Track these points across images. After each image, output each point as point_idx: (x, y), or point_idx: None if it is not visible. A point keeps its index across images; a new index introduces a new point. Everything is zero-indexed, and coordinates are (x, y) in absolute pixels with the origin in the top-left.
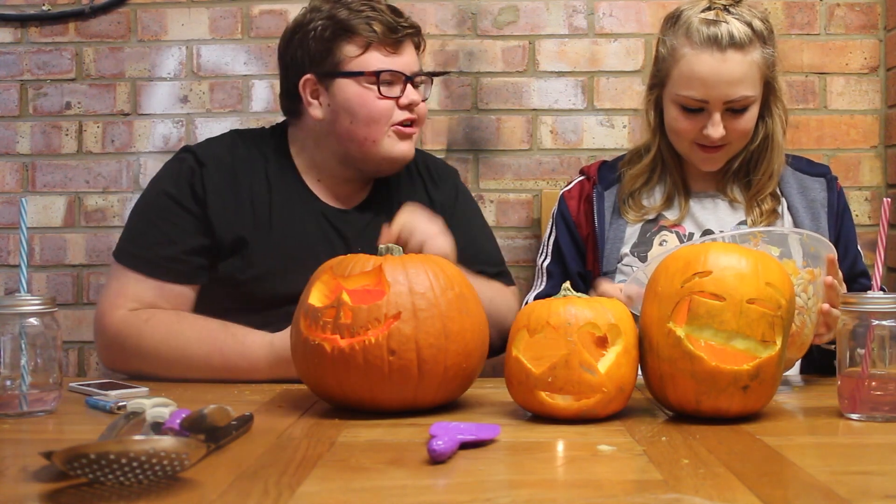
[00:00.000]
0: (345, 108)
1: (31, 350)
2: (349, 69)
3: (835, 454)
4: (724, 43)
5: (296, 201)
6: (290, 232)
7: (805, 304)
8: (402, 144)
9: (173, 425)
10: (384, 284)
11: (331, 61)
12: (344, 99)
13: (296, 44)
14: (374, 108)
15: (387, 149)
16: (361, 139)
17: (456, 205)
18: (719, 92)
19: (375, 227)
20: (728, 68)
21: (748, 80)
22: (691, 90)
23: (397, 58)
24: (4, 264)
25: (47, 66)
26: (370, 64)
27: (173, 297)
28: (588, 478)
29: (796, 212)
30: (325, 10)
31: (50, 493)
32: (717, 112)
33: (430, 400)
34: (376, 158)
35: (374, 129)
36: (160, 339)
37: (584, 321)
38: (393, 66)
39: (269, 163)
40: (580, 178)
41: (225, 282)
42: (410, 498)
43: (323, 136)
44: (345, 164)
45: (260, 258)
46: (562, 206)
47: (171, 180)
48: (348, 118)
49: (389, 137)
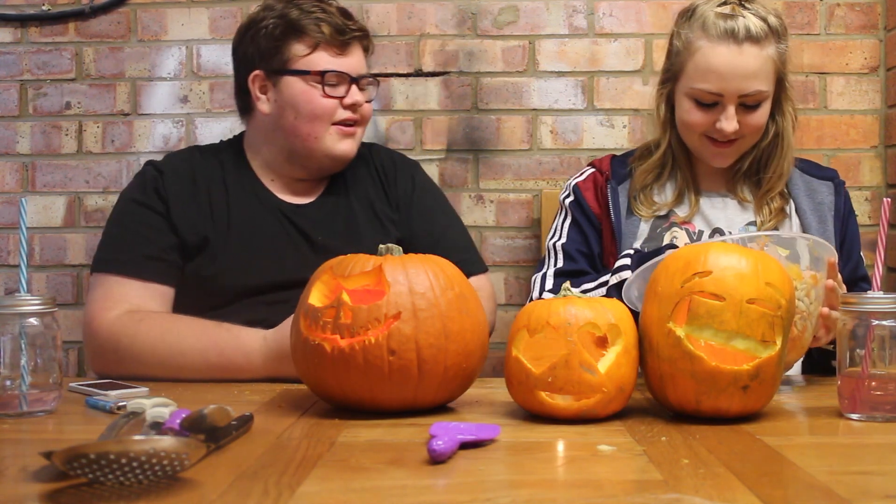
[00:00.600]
0: (290, 103)
1: (31, 350)
2: (296, 67)
3: (835, 454)
4: (740, 36)
5: (252, 200)
6: (248, 229)
7: (807, 308)
8: (343, 143)
9: (173, 425)
10: (384, 284)
11: (279, 59)
12: (290, 95)
13: (248, 40)
14: (318, 105)
15: (328, 146)
16: (305, 135)
17: (413, 196)
18: (735, 85)
19: (333, 219)
20: (744, 61)
21: (763, 74)
22: (707, 83)
23: (343, 59)
24: (4, 264)
25: (47, 66)
26: (317, 64)
27: (158, 296)
28: (588, 478)
29: (804, 213)
30: (278, 10)
31: (50, 493)
32: (732, 105)
33: (430, 400)
34: (318, 155)
35: (316, 125)
36: (156, 336)
37: (584, 321)
38: (339, 67)
39: (225, 169)
40: (591, 170)
41: (192, 280)
42: (410, 498)
43: (271, 132)
44: (291, 160)
45: (222, 255)
46: (577, 195)
47: (137, 189)
48: (293, 114)
49: (331, 135)
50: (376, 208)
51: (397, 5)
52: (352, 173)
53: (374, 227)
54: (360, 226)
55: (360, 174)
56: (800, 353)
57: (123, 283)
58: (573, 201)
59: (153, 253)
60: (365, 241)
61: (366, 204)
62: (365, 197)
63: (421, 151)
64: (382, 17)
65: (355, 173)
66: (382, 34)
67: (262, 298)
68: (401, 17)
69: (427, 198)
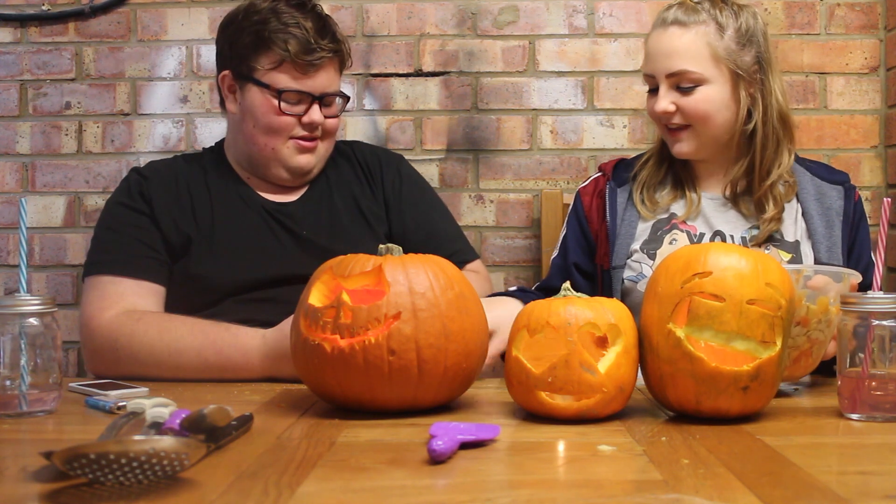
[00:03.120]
0: (250, 112)
1: (31, 350)
2: (259, 78)
3: (835, 454)
4: (669, 20)
5: (236, 200)
6: (233, 228)
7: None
8: (301, 157)
9: (173, 425)
10: (384, 284)
11: (246, 65)
12: (251, 103)
13: (224, 38)
14: (274, 121)
15: (285, 158)
16: (262, 145)
17: (402, 189)
18: (660, 65)
19: (317, 217)
20: (668, 40)
21: (689, 55)
22: (644, 67)
23: (306, 80)
24: (4, 264)
25: (47, 66)
26: (278, 82)
27: (151, 294)
28: (588, 478)
29: (811, 218)
30: (261, 13)
31: (50, 493)
32: (663, 86)
33: (430, 400)
34: (276, 164)
35: (272, 138)
36: (154, 335)
37: (584, 321)
38: (300, 87)
39: (207, 173)
40: (596, 174)
41: (179, 280)
42: (410, 498)
43: (236, 132)
44: (251, 164)
45: (207, 255)
46: (577, 204)
47: (123, 194)
48: (252, 122)
49: (288, 148)
50: (361, 206)
51: (397, 5)
52: (335, 172)
53: (358, 225)
54: (343, 223)
55: (343, 172)
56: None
57: (117, 282)
58: (573, 210)
59: (143, 252)
60: (350, 238)
61: (350, 202)
62: (349, 195)
63: (421, 151)
64: (382, 17)
65: (338, 171)
66: (382, 34)
67: (249, 296)
68: (401, 17)
69: (415, 190)
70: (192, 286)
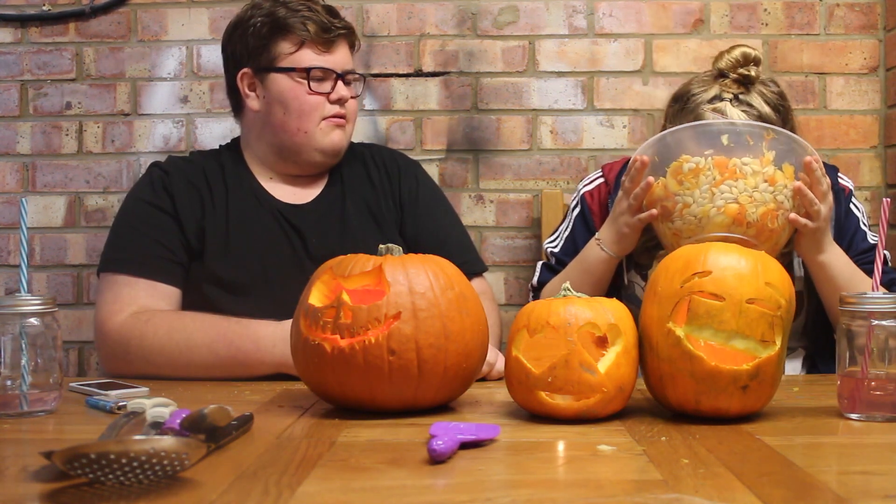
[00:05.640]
0: (278, 100)
1: (32, 350)
2: (283, 65)
3: (835, 454)
4: None
5: (251, 201)
6: (246, 229)
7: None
8: (334, 134)
9: (173, 425)
10: (384, 284)
11: (266, 56)
12: (278, 92)
13: (236, 39)
14: (305, 101)
15: (318, 139)
16: (294, 130)
17: (418, 195)
18: None
19: (328, 221)
20: None
21: None
22: None
23: (329, 56)
24: (4, 264)
25: (47, 66)
26: (302, 61)
27: (166, 296)
28: (588, 478)
29: None
30: (265, 8)
31: (50, 493)
32: None
33: (430, 400)
34: (308, 149)
35: (305, 120)
36: (164, 335)
37: (584, 321)
38: (324, 63)
39: (225, 170)
40: (600, 179)
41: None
42: (410, 498)
43: (261, 129)
44: (283, 156)
45: (220, 255)
46: (583, 206)
47: (146, 189)
48: (281, 110)
49: (321, 129)
50: (373, 209)
51: (397, 5)
52: (349, 173)
53: (368, 229)
54: (353, 227)
55: (358, 174)
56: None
57: (132, 283)
58: (579, 212)
59: (162, 253)
60: (359, 242)
61: (362, 206)
62: (361, 199)
63: (421, 151)
64: (382, 17)
65: (353, 173)
66: (382, 34)
67: (257, 298)
68: (401, 17)
69: (431, 197)
70: (204, 286)
